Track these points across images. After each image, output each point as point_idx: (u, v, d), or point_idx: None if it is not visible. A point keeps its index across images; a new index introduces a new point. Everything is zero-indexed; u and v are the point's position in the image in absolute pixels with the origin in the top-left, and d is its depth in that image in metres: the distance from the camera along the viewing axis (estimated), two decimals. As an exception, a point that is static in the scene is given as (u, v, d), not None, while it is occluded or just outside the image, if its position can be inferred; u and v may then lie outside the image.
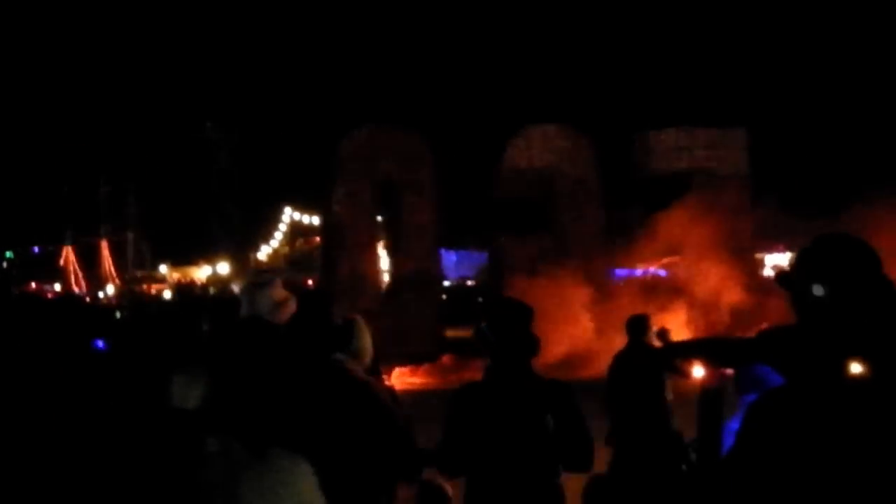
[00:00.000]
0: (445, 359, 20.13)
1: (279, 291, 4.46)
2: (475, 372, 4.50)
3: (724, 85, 36.09)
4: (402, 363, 18.49)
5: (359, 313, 4.59)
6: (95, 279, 50.46)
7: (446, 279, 32.69)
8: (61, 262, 53.35)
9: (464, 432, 3.82)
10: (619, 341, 7.83)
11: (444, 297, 25.58)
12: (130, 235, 54.51)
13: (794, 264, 2.38)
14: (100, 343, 11.97)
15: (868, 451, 2.15)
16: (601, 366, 8.33)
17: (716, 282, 21.20)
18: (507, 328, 3.90)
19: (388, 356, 14.99)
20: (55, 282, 49.60)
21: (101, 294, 45.33)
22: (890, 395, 2.18)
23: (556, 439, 3.76)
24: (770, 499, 2.21)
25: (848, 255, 2.30)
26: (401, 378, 16.78)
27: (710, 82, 37.76)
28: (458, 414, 3.87)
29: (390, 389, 7.04)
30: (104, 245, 53.79)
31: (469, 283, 37.88)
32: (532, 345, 3.93)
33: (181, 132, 52.43)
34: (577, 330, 19.68)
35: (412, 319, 20.98)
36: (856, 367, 2.19)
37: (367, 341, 4.26)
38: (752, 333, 3.74)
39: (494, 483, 3.76)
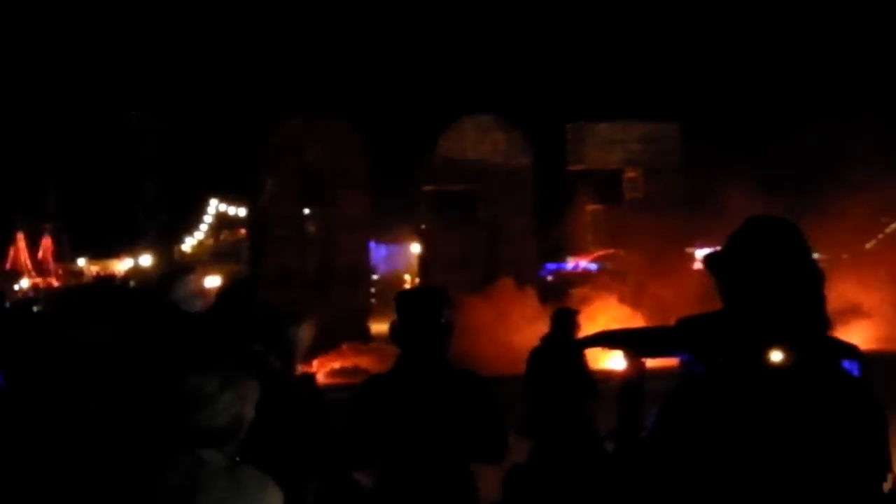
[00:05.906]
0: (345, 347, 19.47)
1: (196, 282, 4.56)
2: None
3: (659, 79, 36.36)
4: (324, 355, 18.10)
5: (288, 306, 4.66)
6: (9, 272, 48.83)
7: (376, 273, 32.29)
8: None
9: (366, 424, 3.76)
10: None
11: (373, 290, 25.21)
12: (48, 227, 52.87)
13: (724, 248, 2.32)
14: None
15: (783, 438, 2.12)
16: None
17: (646, 276, 21.26)
18: (412, 315, 3.77)
19: (316, 350, 14.73)
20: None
21: (15, 287, 44.00)
22: (809, 383, 2.15)
23: (467, 430, 3.69)
24: (684, 485, 2.17)
25: (777, 239, 2.25)
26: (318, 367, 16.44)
27: (645, 76, 38.01)
28: (360, 406, 3.79)
29: (310, 379, 6.88)
30: (20, 237, 52.12)
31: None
32: (440, 332, 3.76)
33: (103, 120, 50.89)
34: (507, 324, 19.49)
35: (341, 314, 20.58)
36: (777, 355, 2.15)
37: (300, 335, 4.10)
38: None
39: (402, 473, 3.72)
